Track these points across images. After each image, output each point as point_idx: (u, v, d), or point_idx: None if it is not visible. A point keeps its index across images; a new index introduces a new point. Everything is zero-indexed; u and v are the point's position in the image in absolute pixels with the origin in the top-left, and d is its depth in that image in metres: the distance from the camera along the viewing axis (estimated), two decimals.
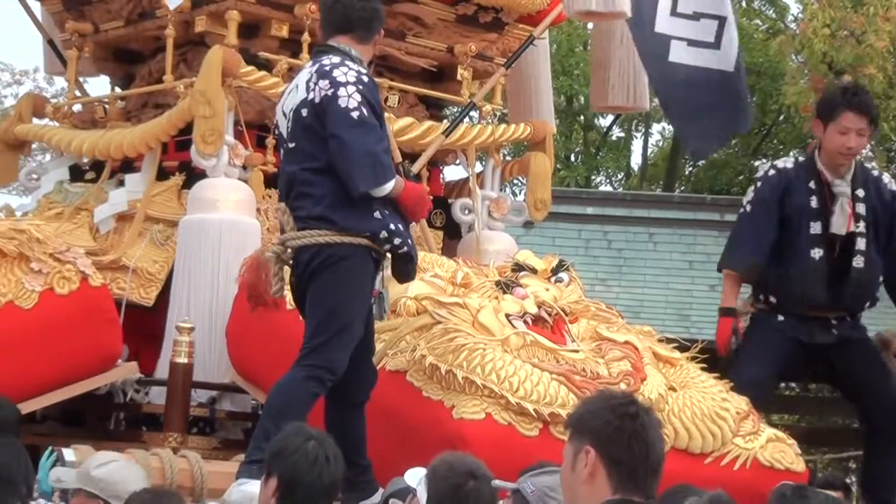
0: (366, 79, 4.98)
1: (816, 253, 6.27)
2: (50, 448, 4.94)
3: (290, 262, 5.04)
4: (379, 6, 5.21)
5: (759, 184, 6.46)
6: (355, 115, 4.88)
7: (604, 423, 2.83)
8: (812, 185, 6.34)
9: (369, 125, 4.93)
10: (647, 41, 6.99)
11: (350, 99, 4.88)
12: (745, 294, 6.65)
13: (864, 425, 6.64)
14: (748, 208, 6.49)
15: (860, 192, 6.35)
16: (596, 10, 6.46)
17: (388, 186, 4.92)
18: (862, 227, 6.31)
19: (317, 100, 4.92)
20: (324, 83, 4.92)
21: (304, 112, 4.96)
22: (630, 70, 7.33)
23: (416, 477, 3.94)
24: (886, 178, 6.58)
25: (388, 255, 4.97)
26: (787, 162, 6.60)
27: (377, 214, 4.91)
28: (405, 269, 5.03)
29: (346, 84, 4.90)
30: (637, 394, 4.92)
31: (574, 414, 2.97)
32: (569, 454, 2.88)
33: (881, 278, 6.45)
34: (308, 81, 4.98)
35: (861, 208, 6.34)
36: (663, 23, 6.98)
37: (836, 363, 6.41)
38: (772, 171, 6.46)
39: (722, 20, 6.98)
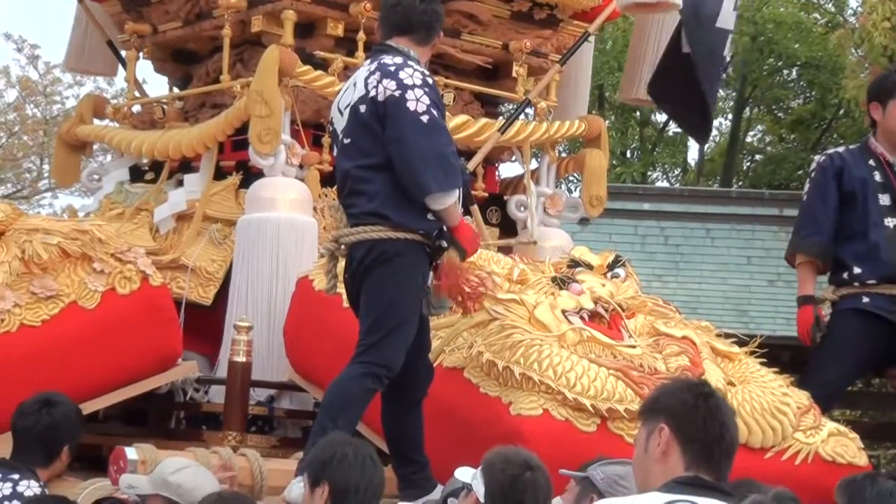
0: (430, 81, 4.96)
1: (891, 222, 6.37)
2: None
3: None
4: (440, 8, 5.18)
5: (813, 173, 6.62)
6: (425, 118, 4.84)
7: (680, 401, 2.82)
8: (871, 162, 6.47)
9: (440, 127, 4.92)
10: (707, 36, 6.98)
11: (419, 102, 4.84)
12: (823, 284, 6.66)
13: None
14: (805, 197, 6.64)
15: None
16: (646, 1, 6.44)
17: (455, 194, 4.89)
18: None
19: (380, 98, 4.87)
20: (389, 83, 4.87)
21: (363, 108, 4.93)
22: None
23: (467, 474, 3.96)
24: None
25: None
26: (838, 148, 6.79)
27: (430, 216, 4.90)
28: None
29: (413, 87, 4.86)
30: None
31: (649, 397, 2.96)
32: (642, 436, 2.87)
33: None
34: (367, 79, 4.94)
35: None
36: (726, 18, 7.00)
37: None
38: (823, 157, 6.63)
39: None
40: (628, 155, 24.24)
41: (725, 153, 23.87)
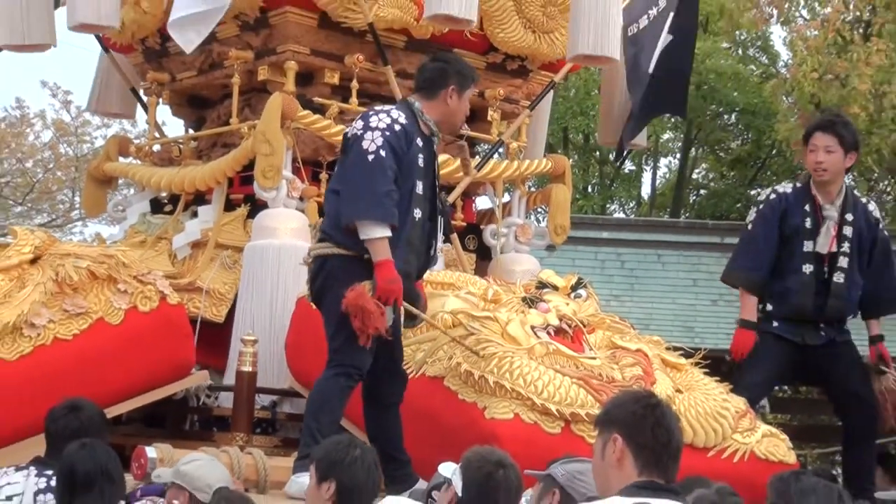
0: (398, 127, 4.89)
1: (807, 268, 6.27)
2: None
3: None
4: (447, 68, 5.08)
5: (761, 206, 6.41)
6: (370, 157, 4.83)
7: (629, 412, 2.83)
8: (807, 207, 6.30)
9: (382, 168, 4.80)
10: (641, 82, 7.02)
11: (372, 143, 4.85)
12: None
13: (842, 421, 6.60)
14: (749, 227, 6.46)
15: (849, 217, 6.30)
16: (590, 54, 6.45)
17: (384, 231, 4.75)
18: (846, 247, 6.29)
19: (349, 134, 4.99)
20: (358, 123, 4.96)
21: (342, 144, 5.11)
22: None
23: (448, 469, 3.97)
24: (872, 206, 6.56)
25: None
26: (786, 187, 6.53)
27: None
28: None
29: (374, 129, 4.87)
30: None
31: (602, 410, 2.97)
32: (598, 446, 2.87)
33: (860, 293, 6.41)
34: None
35: (848, 231, 6.29)
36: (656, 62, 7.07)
37: (823, 363, 6.36)
38: (773, 195, 6.40)
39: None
40: (589, 189, 24.28)
41: (674, 188, 23.97)
